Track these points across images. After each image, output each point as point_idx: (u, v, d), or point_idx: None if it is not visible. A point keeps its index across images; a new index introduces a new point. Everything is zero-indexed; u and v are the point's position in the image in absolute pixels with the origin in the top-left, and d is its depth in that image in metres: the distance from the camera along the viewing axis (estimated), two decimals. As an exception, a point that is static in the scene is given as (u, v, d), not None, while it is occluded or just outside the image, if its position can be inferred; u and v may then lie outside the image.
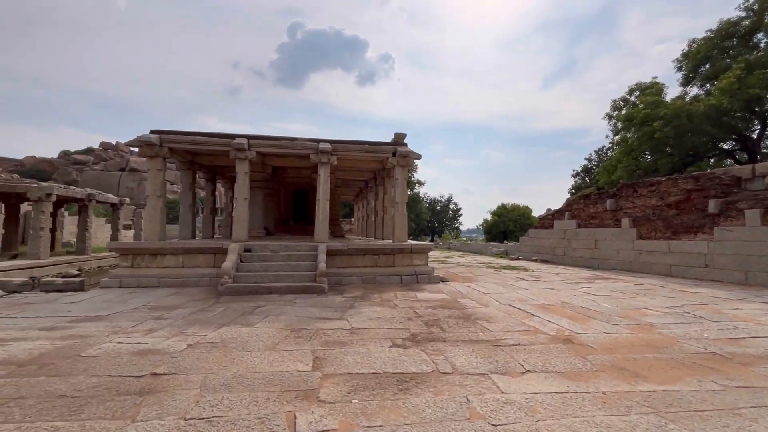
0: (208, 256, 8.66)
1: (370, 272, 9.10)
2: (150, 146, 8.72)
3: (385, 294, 7.65)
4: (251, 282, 7.73)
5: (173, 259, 8.55)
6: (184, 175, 11.04)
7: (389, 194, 11.88)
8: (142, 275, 8.26)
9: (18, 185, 9.96)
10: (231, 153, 9.16)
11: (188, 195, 11.04)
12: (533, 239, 18.22)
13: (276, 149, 9.49)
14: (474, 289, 8.42)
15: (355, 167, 12.54)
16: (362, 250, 9.19)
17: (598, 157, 25.77)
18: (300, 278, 7.97)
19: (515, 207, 46.40)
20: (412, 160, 10.03)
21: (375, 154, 9.95)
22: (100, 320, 5.29)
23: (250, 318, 5.48)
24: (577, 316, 5.70)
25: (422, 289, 8.28)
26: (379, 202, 13.95)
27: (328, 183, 9.66)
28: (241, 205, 9.23)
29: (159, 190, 8.89)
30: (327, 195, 9.63)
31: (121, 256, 8.43)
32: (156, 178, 8.89)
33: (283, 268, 8.24)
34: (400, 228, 9.95)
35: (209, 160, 11.20)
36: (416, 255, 9.57)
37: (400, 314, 5.82)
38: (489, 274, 11.41)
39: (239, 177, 9.24)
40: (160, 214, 8.87)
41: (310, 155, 9.58)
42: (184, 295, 7.35)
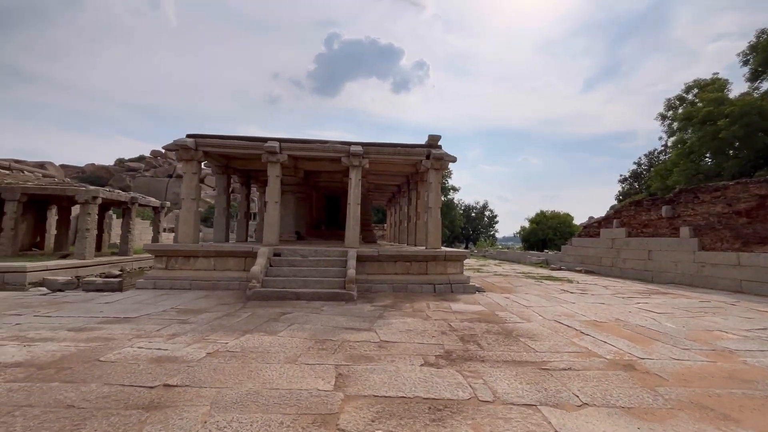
0: (238, 259, 8.62)
1: (402, 280, 8.69)
2: (186, 150, 8.85)
3: (417, 304, 7.21)
4: (279, 287, 7.55)
5: (205, 262, 8.57)
6: (219, 179, 11.19)
7: (422, 199, 11.46)
8: (175, 277, 8.33)
9: (68, 188, 10.51)
10: (263, 156, 9.13)
11: (223, 199, 11.18)
12: (577, 248, 17.05)
13: (307, 152, 9.37)
14: (514, 301, 7.78)
15: (388, 171, 12.22)
16: (394, 256, 8.81)
17: (648, 161, 23.92)
18: (329, 284, 7.70)
19: (555, 214, 44.26)
20: (446, 163, 9.57)
21: (408, 156, 9.58)
22: (128, 322, 5.25)
23: (275, 325, 5.24)
24: (636, 337, 4.99)
25: (457, 300, 7.76)
26: (411, 207, 13.54)
27: (360, 187, 9.40)
28: (272, 208, 9.15)
29: (194, 193, 8.99)
30: (358, 199, 9.36)
31: (156, 257, 8.56)
32: (191, 181, 9.00)
33: (312, 273, 8.02)
34: (434, 234, 9.48)
35: (243, 164, 11.31)
36: (450, 263, 9.05)
37: (433, 327, 5.37)
38: (529, 284, 10.65)
39: (270, 180, 9.18)
40: (194, 217, 8.96)
41: (341, 158, 9.36)
42: (213, 298, 7.29)
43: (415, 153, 9.56)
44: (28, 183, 10.63)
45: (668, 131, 18.36)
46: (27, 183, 10.62)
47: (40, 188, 10.46)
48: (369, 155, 9.40)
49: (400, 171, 12.47)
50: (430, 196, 9.53)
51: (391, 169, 11.69)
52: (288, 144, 9.22)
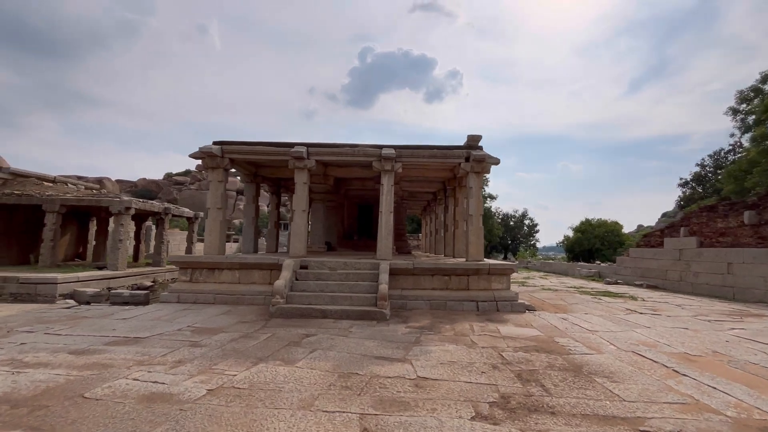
0: (263, 272, 8.08)
1: (440, 296, 7.77)
2: (212, 157, 8.52)
3: (459, 325, 6.28)
4: (304, 303, 6.89)
5: (229, 275, 8.11)
6: (247, 188, 10.87)
7: (461, 206, 10.51)
8: (199, 290, 7.91)
9: (102, 199, 10.59)
10: (289, 162, 8.62)
11: (251, 208, 10.82)
12: (635, 260, 15.27)
13: (336, 157, 8.76)
14: (573, 323, 6.64)
15: (423, 176, 11.40)
16: (431, 269, 7.92)
17: (714, 162, 21.42)
18: (358, 301, 6.95)
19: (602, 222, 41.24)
20: (488, 166, 8.61)
21: (444, 160, 8.73)
22: (136, 343, 4.74)
23: (294, 352, 4.52)
24: (755, 381, 3.80)
25: (504, 321, 6.73)
26: (449, 215, 12.60)
27: (392, 194, 8.64)
28: (299, 217, 8.58)
29: (219, 202, 8.62)
30: (390, 207, 8.60)
31: (181, 270, 8.21)
32: (217, 189, 8.64)
33: (341, 288, 7.30)
34: (475, 245, 8.51)
35: (272, 172, 10.92)
36: (495, 277, 8.02)
37: (481, 358, 4.44)
38: (586, 302, 9.34)
39: (298, 188, 8.64)
40: (220, 227, 8.57)
41: (372, 162, 8.67)
42: (234, 314, 6.75)
43: (453, 155, 8.69)
44: (68, 195, 10.82)
45: (741, 126, 16.22)
46: (66, 195, 10.80)
47: (78, 200, 10.59)
48: (402, 159, 8.64)
49: (435, 177, 11.61)
50: (470, 203, 8.60)
51: (427, 175, 10.86)
52: (316, 149, 8.66)
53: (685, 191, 23.51)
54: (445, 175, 10.81)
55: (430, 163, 8.95)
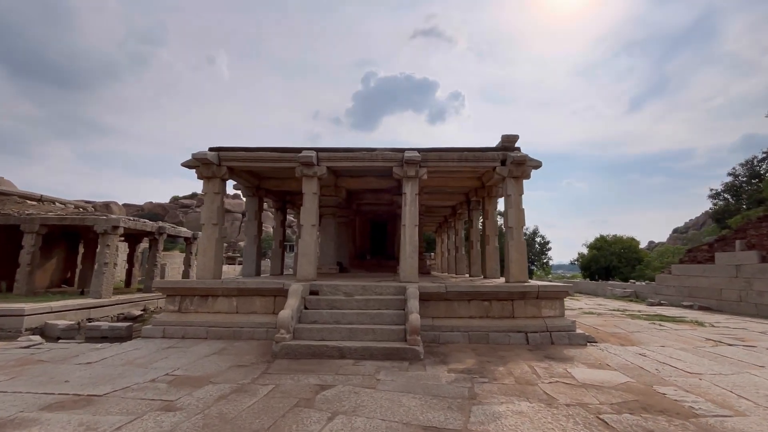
0: (266, 299, 6.75)
1: (480, 326, 6.37)
2: (206, 165, 7.36)
3: (515, 366, 4.87)
4: (316, 339, 5.52)
5: (226, 303, 6.79)
6: (249, 203, 9.68)
7: (491, 219, 9.21)
8: (189, 322, 6.58)
9: (87, 218, 9.45)
10: (297, 170, 7.43)
11: (253, 225, 9.59)
12: (679, 278, 13.70)
13: (350, 163, 7.55)
14: (660, 361, 5.18)
15: (443, 187, 10.14)
16: (467, 293, 6.55)
17: (748, 171, 19.99)
18: (383, 335, 5.57)
19: (617, 239, 39.53)
20: (528, 170, 7.35)
21: (477, 163, 7.48)
22: (86, 406, 3.40)
23: (306, 420, 3.15)
24: None
25: (569, 359, 5.30)
26: (474, 230, 11.27)
27: (417, 203, 7.37)
28: (308, 233, 7.31)
29: (216, 217, 7.40)
30: (415, 219, 7.32)
31: (168, 297, 6.91)
32: (213, 202, 7.44)
33: (361, 318, 5.93)
34: (518, 263, 7.14)
35: (276, 184, 9.74)
36: (546, 301, 6.62)
37: (576, 427, 3.04)
38: (647, 329, 7.84)
39: (307, 198, 7.41)
40: (215, 247, 7.32)
41: (393, 168, 7.45)
42: (229, 354, 5.39)
43: (487, 158, 7.44)
44: (49, 214, 9.69)
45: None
46: (48, 214, 9.67)
47: (60, 218, 9.45)
48: (428, 163, 7.41)
49: (458, 187, 10.35)
50: (509, 213, 7.28)
51: (450, 184, 9.61)
52: (327, 154, 7.48)
53: (716, 203, 21.97)
54: (471, 184, 9.55)
55: (458, 168, 7.70)
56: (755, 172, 20.00)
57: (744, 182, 20.19)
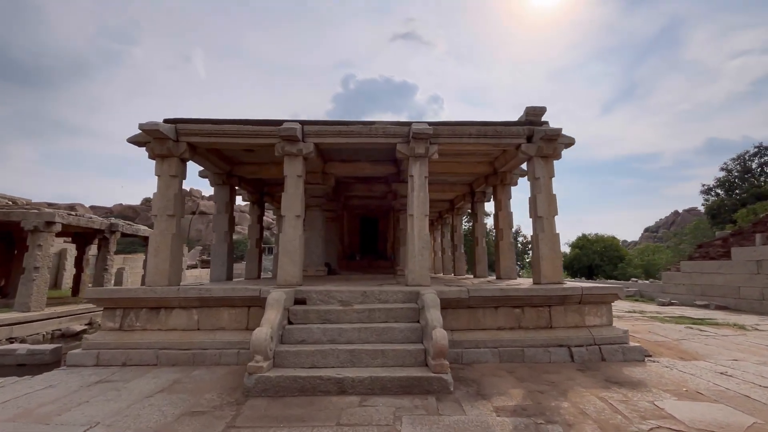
0: (237, 311, 5.22)
1: (512, 340, 5.04)
2: (160, 141, 5.75)
3: (577, 396, 3.56)
4: (305, 366, 4.05)
5: (184, 317, 5.21)
6: (218, 193, 8.06)
7: (505, 210, 7.94)
8: (133, 344, 4.97)
9: (13, 212, 7.61)
10: (277, 147, 5.93)
11: (223, 219, 7.98)
12: (690, 275, 12.87)
13: (344, 139, 6.09)
14: (759, 384, 3.98)
15: (447, 175, 8.79)
16: (495, 299, 5.20)
17: (740, 165, 19.68)
18: (396, 358, 4.15)
19: (599, 237, 39.58)
20: (560, 147, 6.10)
21: (498, 140, 6.16)
22: None
23: None
24: None
25: (641, 384, 4.03)
26: (479, 225, 10.01)
27: (426, 189, 5.99)
28: (292, 226, 5.81)
29: (172, 206, 5.79)
30: (425, 208, 5.93)
31: (106, 311, 5.26)
32: (168, 188, 5.83)
33: (364, 335, 4.49)
34: (551, 261, 5.87)
35: (252, 171, 8.16)
36: (590, 307, 5.36)
37: None
38: (691, 336, 6.71)
39: (289, 183, 5.91)
40: (171, 245, 5.71)
41: (397, 146, 6.04)
42: (183, 391, 3.85)
43: (510, 134, 6.14)
44: (-34, 207, 7.79)
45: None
46: (-36, 207, 7.77)
47: (-23, 213, 7.58)
48: (439, 139, 6.05)
49: (464, 175, 9.05)
50: (538, 200, 6.00)
51: (456, 171, 8.28)
52: (314, 128, 6.00)
53: (708, 199, 21.63)
54: (480, 170, 8.26)
55: (474, 146, 6.37)
56: (747, 168, 19.68)
57: (736, 177, 19.87)
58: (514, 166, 7.63)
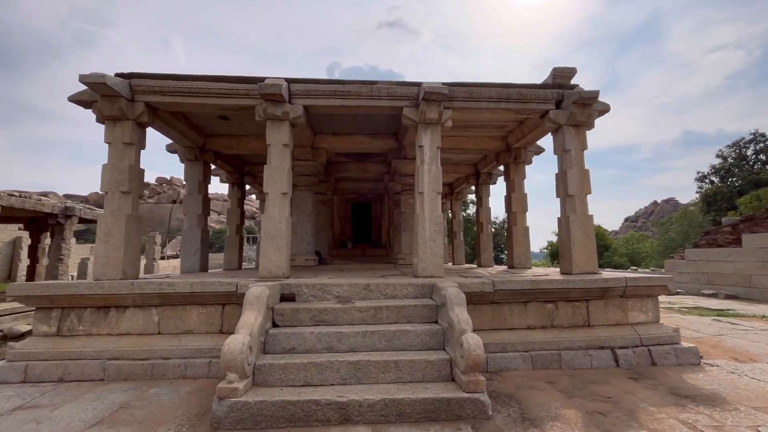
0: (209, 310, 4.19)
1: (545, 342, 4.18)
2: (109, 99, 4.59)
3: (649, 418, 2.71)
4: (296, 383, 3.09)
5: (140, 318, 4.16)
6: (189, 170, 6.90)
7: (518, 191, 7.07)
8: (74, 353, 3.91)
9: (-64, 191, 6.31)
10: (258, 110, 4.85)
11: (196, 201, 6.86)
12: (695, 263, 12.37)
13: (340, 101, 5.03)
14: None
15: (452, 151, 7.85)
16: (524, 292, 4.32)
17: (736, 152, 19.40)
18: (413, 371, 3.22)
19: (586, 226, 39.71)
20: (594, 115, 5.20)
21: (522, 105, 5.21)
22: None
23: None
24: None
25: (717, 399, 3.23)
26: (483, 210, 9.15)
27: (439, 162, 5.02)
28: (277, 206, 4.78)
29: (127, 181, 4.67)
30: (437, 184, 4.97)
31: (39, 311, 4.16)
32: (121, 159, 4.69)
33: (370, 341, 3.53)
34: (584, 247, 5.01)
35: (230, 145, 7.02)
36: (635, 301, 4.54)
37: None
38: (726, 330, 6.01)
39: (273, 154, 4.86)
40: (125, 229, 4.61)
41: (403, 111, 5.04)
42: (129, 422, 2.85)
43: (537, 98, 5.19)
44: None
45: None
46: None
47: None
48: (453, 103, 5.06)
49: (472, 152, 8.12)
50: (569, 176, 5.11)
51: (464, 146, 7.32)
52: (303, 86, 4.93)
53: (703, 186, 21.36)
54: (491, 146, 7.32)
55: (493, 113, 5.40)
56: (742, 155, 19.39)
57: (732, 164, 19.58)
58: (531, 141, 6.73)
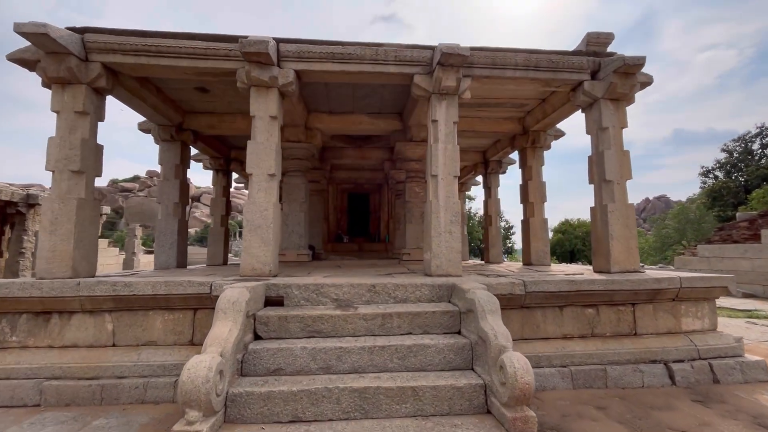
0: (177, 316, 3.39)
1: (586, 354, 3.46)
2: (55, 57, 3.74)
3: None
4: (282, 417, 2.33)
5: (90, 327, 3.35)
6: (164, 151, 6.04)
7: (536, 179, 6.36)
8: (4, 370, 3.09)
9: None
10: (240, 73, 4.03)
11: (172, 187, 6.00)
12: (708, 260, 11.80)
13: (339, 66, 4.22)
14: None
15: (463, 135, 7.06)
16: (560, 295, 3.58)
17: (742, 147, 18.89)
18: (437, 401, 2.47)
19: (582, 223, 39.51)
20: (637, 86, 4.46)
21: (553, 74, 4.45)
22: None
23: None
24: None
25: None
26: (492, 201, 8.43)
27: (455, 137, 4.25)
28: (263, 190, 3.97)
29: (77, 159, 3.83)
30: (454, 167, 4.20)
31: (-40, 319, 3.33)
32: (72, 131, 3.85)
33: (378, 359, 2.77)
34: (624, 241, 4.29)
35: (212, 125, 6.16)
36: (688, 306, 3.83)
37: None
38: (771, 335, 5.37)
39: (258, 127, 4.05)
40: (77, 216, 3.78)
41: (414, 78, 4.25)
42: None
43: (570, 66, 4.43)
44: None
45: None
46: None
47: None
48: (473, 70, 4.29)
49: (484, 136, 7.37)
50: (606, 158, 4.38)
51: (475, 128, 6.52)
52: (295, 47, 4.11)
53: (707, 181, 20.89)
54: (507, 129, 6.55)
55: (518, 83, 4.64)
56: (748, 149, 18.90)
57: (738, 159, 19.09)
58: (552, 122, 5.99)
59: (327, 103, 5.89)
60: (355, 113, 6.17)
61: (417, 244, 6.60)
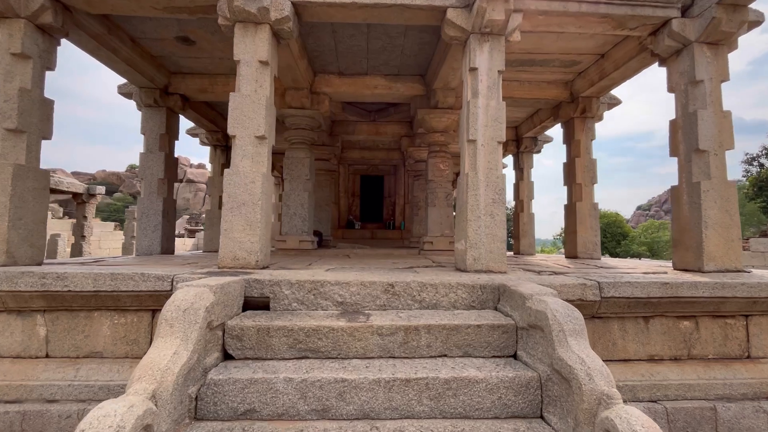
0: (130, 319, 2.55)
1: (682, 384, 2.49)
2: (-20, -23, 2.85)
3: None
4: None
5: (18, 332, 2.53)
6: (147, 120, 5.19)
7: (584, 156, 5.30)
8: None
9: None
10: (221, 5, 3.09)
11: (156, 160, 5.17)
12: (764, 255, 10.54)
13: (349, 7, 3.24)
14: None
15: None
16: (647, 301, 2.59)
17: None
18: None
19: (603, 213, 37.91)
20: (743, 26, 3.35)
21: (632, 10, 3.35)
22: None
23: None
24: None
25: None
26: (524, 183, 7.41)
27: (500, 92, 3.24)
28: (248, 156, 3.07)
29: (14, 114, 3.00)
30: (499, 131, 3.20)
31: None
32: (6, 78, 3.01)
33: (399, 400, 1.87)
34: (723, 230, 3.26)
35: (203, 88, 5.26)
36: (825, 321, 2.79)
37: None
38: None
39: (244, 74, 3.12)
40: (11, 187, 2.96)
41: (446, 15, 3.24)
42: None
43: None
44: None
45: None
46: None
47: None
48: (527, 2, 3.24)
49: (522, 105, 6.30)
50: (701, 120, 3.31)
51: (512, 95, 5.46)
52: (293, -28, 3.13)
53: (750, 170, 19.17)
54: (551, 95, 5.46)
55: (581, 25, 3.58)
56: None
57: (786, 145, 17.34)
58: (611, 85, 4.89)
59: (336, 60, 4.91)
60: (370, 75, 5.18)
61: (441, 231, 5.63)
